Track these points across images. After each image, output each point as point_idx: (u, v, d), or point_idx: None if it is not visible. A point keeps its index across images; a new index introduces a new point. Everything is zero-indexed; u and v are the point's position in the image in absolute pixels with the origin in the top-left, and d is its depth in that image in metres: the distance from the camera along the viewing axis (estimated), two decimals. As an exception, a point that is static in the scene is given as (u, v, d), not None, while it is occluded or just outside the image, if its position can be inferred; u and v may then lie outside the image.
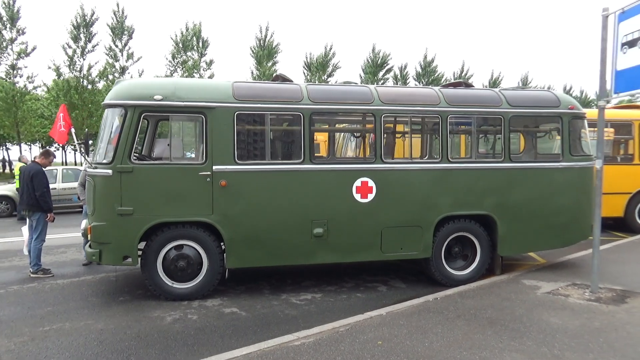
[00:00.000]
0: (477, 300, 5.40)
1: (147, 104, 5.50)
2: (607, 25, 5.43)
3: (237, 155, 5.71)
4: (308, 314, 5.39)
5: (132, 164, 5.48)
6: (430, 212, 6.28)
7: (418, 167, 6.34)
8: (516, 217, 6.54)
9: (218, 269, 5.82)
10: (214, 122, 5.63)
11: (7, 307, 5.48)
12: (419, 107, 6.32)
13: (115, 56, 29.18)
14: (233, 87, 5.80)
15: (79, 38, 25.52)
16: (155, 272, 5.67)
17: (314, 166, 5.92)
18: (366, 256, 6.25)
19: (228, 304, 5.71)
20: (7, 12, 25.04)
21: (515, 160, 6.70)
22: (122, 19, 29.24)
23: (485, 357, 3.86)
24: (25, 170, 6.77)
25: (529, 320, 4.70)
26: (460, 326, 4.55)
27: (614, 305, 5.13)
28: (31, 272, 6.81)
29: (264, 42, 31.37)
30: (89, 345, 4.41)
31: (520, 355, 3.88)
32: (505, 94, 6.64)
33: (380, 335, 4.33)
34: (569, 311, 4.96)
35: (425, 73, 41.20)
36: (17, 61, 25.47)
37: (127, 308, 5.48)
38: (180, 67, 29.33)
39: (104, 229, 5.49)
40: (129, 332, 4.75)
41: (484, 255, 6.57)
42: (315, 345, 4.12)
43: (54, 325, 4.92)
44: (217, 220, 5.68)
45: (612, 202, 9.85)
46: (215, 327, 4.93)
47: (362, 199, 6.06)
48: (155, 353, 4.27)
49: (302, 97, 5.90)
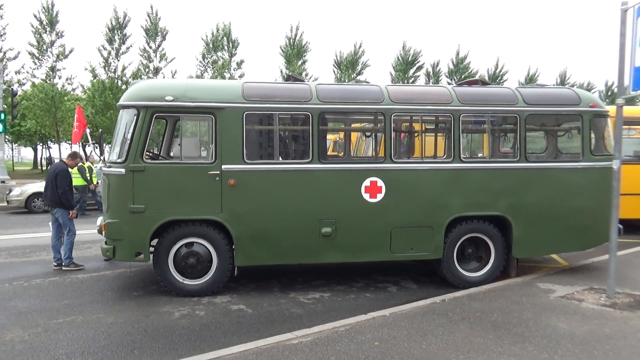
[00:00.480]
0: (485, 303, 5.29)
1: (158, 105, 5.66)
2: (625, 19, 5.20)
3: (246, 155, 5.79)
4: (314, 313, 5.41)
5: (144, 163, 5.65)
6: (442, 213, 6.19)
7: (429, 167, 6.25)
8: (532, 218, 6.36)
9: (227, 267, 5.92)
10: (224, 122, 5.73)
11: (28, 299, 5.75)
12: (430, 106, 6.23)
13: (149, 57, 29.93)
14: (243, 88, 5.88)
15: (114, 40, 26.38)
16: (167, 268, 5.83)
17: (322, 166, 5.93)
18: (375, 256, 6.22)
19: (236, 301, 5.80)
20: (46, 17, 26.14)
21: (532, 160, 6.51)
22: (156, 20, 29.95)
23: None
24: (51, 168, 7.09)
25: (535, 324, 4.57)
26: (462, 329, 4.48)
27: (630, 311, 4.93)
28: (63, 266, 7.11)
29: (294, 41, 31.57)
30: (97, 338, 4.58)
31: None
32: (522, 92, 6.46)
33: (378, 336, 4.31)
34: (580, 316, 4.79)
35: (458, 70, 40.37)
36: (56, 63, 26.57)
37: (138, 303, 5.66)
38: (210, 67, 29.84)
39: (117, 225, 5.68)
40: (137, 327, 4.90)
41: (498, 257, 6.42)
42: (312, 344, 4.14)
43: (67, 318, 5.13)
44: (226, 218, 5.78)
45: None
46: (220, 324, 5.03)
47: (371, 199, 6.03)
48: (158, 347, 4.40)
49: (311, 97, 5.92)
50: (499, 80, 42.13)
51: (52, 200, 6.98)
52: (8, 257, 8.00)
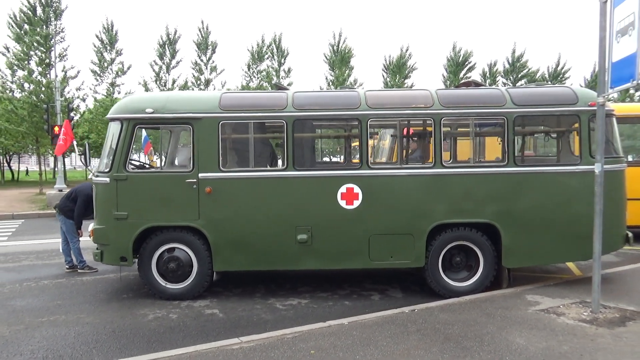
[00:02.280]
0: (454, 315, 5.07)
1: (139, 117, 5.97)
2: (605, 11, 4.81)
3: (222, 163, 5.96)
4: (282, 319, 5.44)
5: (127, 172, 5.97)
6: (423, 220, 6.00)
7: (408, 173, 6.09)
8: (524, 226, 6.01)
9: (207, 272, 6.10)
10: (201, 131, 5.93)
11: (28, 299, 6.26)
12: (408, 111, 6.08)
13: (200, 70, 31.32)
14: (220, 98, 6.07)
15: (165, 55, 27.88)
16: (150, 272, 6.10)
17: (296, 173, 5.97)
18: (354, 264, 6.15)
19: (213, 305, 5.96)
20: (107, 36, 28.12)
21: (522, 164, 6.15)
22: (207, 34, 31.32)
23: (411, 374, 3.66)
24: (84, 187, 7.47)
25: (491, 339, 4.32)
26: (410, 340, 4.33)
27: (606, 327, 4.52)
28: (79, 269, 7.65)
29: (337, 48, 31.74)
30: (67, 337, 4.90)
31: (450, 376, 3.61)
32: (511, 93, 6.14)
33: (320, 345, 4.27)
34: (547, 332, 4.46)
35: (514, 69, 38.63)
36: (115, 79, 28.48)
37: (122, 305, 5.97)
38: (255, 76, 30.69)
39: (103, 231, 6.04)
40: (108, 327, 5.18)
41: (488, 267, 6.11)
42: (250, 350, 4.19)
43: (52, 317, 5.53)
44: (203, 225, 5.97)
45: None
46: (186, 327, 5.20)
47: (348, 206, 5.98)
48: (116, 347, 4.63)
49: (286, 105, 5.99)
50: (561, 78, 39.81)
51: (62, 208, 7.52)
52: (34, 259, 8.71)
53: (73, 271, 7.67)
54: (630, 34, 4.33)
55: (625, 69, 4.42)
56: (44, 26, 23.61)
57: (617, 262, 8.02)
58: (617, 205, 6.22)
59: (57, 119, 19.87)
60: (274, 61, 33.60)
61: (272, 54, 33.37)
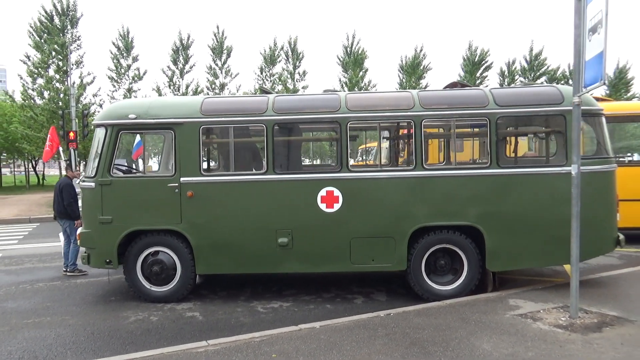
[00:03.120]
0: (429, 319, 5.00)
1: (122, 123, 6.09)
2: (580, 9, 4.69)
3: (203, 167, 6.03)
4: (259, 322, 5.47)
5: (111, 177, 6.10)
6: (404, 223, 5.95)
7: (388, 176, 6.05)
8: (508, 229, 5.90)
9: (190, 274, 6.18)
10: (182, 136, 6.02)
11: (20, 301, 6.45)
12: (388, 113, 6.05)
13: (215, 74, 31.76)
14: (202, 103, 6.14)
15: (178, 61, 28.35)
16: (135, 275, 6.21)
17: (276, 176, 5.99)
18: (335, 267, 6.14)
19: (196, 308, 6.03)
20: (123, 43, 28.79)
21: (505, 166, 6.04)
22: (222, 39, 31.75)
23: (366, 379, 3.64)
24: (57, 183, 7.83)
25: (457, 344, 4.25)
26: (375, 345, 4.30)
27: (580, 333, 4.40)
28: (68, 272, 7.85)
29: (351, 49, 31.72)
30: (47, 338, 5.03)
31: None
32: (495, 93, 6.04)
33: (284, 348, 4.28)
34: (517, 337, 4.37)
35: (532, 67, 37.91)
36: (132, 85, 29.11)
37: (107, 307, 6.10)
38: (267, 79, 30.92)
39: (89, 235, 6.18)
40: (88, 329, 5.30)
41: (472, 270, 6.02)
42: (215, 353, 4.23)
43: (38, 318, 5.69)
44: (185, 228, 6.04)
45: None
46: (163, 329, 5.27)
47: (328, 209, 5.97)
48: (90, 349, 4.74)
49: (267, 109, 6.02)
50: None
51: (59, 212, 7.74)
52: (36, 262, 8.97)
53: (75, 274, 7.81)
54: (599, 32, 4.22)
55: (595, 67, 4.31)
56: (60, 34, 24.27)
57: (618, 265, 7.80)
58: (607, 207, 6.06)
59: (72, 125, 20.40)
60: (289, 64, 33.87)
61: (287, 57, 33.64)
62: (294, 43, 33.79)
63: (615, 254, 8.77)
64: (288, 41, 33.46)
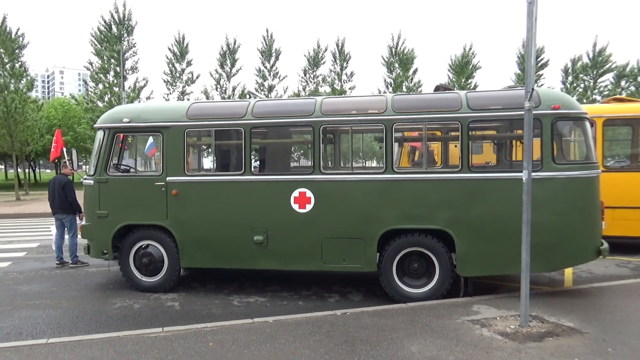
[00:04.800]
0: (380, 320, 5.09)
1: (117, 126, 6.68)
2: (531, 12, 4.61)
3: (186, 168, 6.47)
4: (228, 314, 5.81)
5: (107, 175, 6.70)
6: (373, 225, 6.06)
7: (358, 178, 6.17)
8: (480, 234, 5.84)
9: (176, 267, 6.64)
10: (169, 138, 6.50)
11: (33, 284, 7.23)
12: (360, 117, 6.17)
13: (264, 76, 32.68)
14: (188, 108, 6.59)
15: (225, 64, 29.48)
16: (128, 266, 6.78)
17: (253, 177, 6.31)
18: (307, 265, 6.35)
19: (178, 298, 6.48)
20: (178, 49, 30.38)
21: (476, 171, 5.97)
22: (271, 42, 32.62)
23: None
24: (56, 180, 8.45)
25: (388, 344, 4.34)
26: (309, 341, 4.48)
27: (518, 342, 4.33)
28: (71, 264, 8.50)
29: (396, 49, 31.43)
30: (38, 318, 5.67)
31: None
32: (469, 97, 5.99)
33: (224, 338, 4.58)
34: (451, 342, 4.38)
35: (596, 64, 35.63)
36: (185, 88, 30.65)
37: (101, 294, 6.69)
38: (311, 81, 31.36)
39: (89, 228, 6.82)
40: (76, 312, 5.90)
41: (443, 274, 6.01)
42: (163, 339, 4.60)
43: (38, 300, 6.38)
44: (170, 224, 6.52)
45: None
46: (140, 315, 5.76)
47: (300, 209, 6.21)
48: (68, 329, 5.29)
49: (246, 113, 6.36)
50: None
51: (61, 207, 8.36)
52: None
53: (62, 266, 8.45)
54: (535, 36, 4.15)
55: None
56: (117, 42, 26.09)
57: (625, 276, 7.40)
58: (587, 215, 5.83)
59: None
60: (337, 65, 34.16)
61: (334, 59, 33.95)
62: (342, 44, 34.07)
63: (628, 264, 8.31)
64: (335, 42, 33.85)
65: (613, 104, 9.63)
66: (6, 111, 22.72)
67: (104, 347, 4.41)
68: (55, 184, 8.34)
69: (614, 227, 8.69)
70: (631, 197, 8.76)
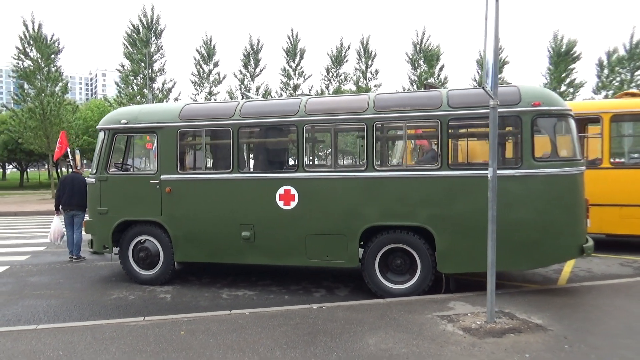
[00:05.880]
0: (352, 314, 5.22)
1: (116, 127, 7.06)
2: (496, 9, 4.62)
3: (179, 166, 6.78)
4: (214, 307, 6.05)
5: (107, 174, 7.09)
6: (355, 222, 6.18)
7: (341, 176, 6.31)
8: (459, 231, 5.88)
9: (171, 261, 6.97)
10: (163, 138, 6.83)
11: (43, 276, 7.74)
12: (342, 116, 6.30)
13: (289, 75, 33.07)
14: (181, 109, 6.90)
15: (249, 64, 30.00)
16: (127, 260, 7.16)
17: (240, 175, 6.55)
18: (293, 261, 6.54)
19: (172, 291, 6.80)
20: (206, 50, 31.16)
21: (456, 168, 5.99)
22: (296, 42, 32.97)
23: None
24: (75, 178, 8.83)
25: (348, 337, 4.47)
26: (274, 332, 4.66)
27: (477, 337, 4.37)
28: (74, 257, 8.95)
29: (420, 46, 31.12)
30: (38, 307, 6.10)
31: None
32: (450, 95, 6.03)
33: (196, 328, 4.81)
34: (410, 335, 4.47)
35: (632, 57, 34.15)
36: (212, 89, 31.40)
37: (102, 286, 7.10)
38: (334, 80, 31.48)
39: (91, 223, 7.25)
40: (75, 302, 6.30)
41: (425, 270, 6.07)
42: (141, 327, 4.88)
43: (44, 291, 6.84)
44: (165, 220, 6.85)
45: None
46: (131, 306, 6.10)
47: (285, 206, 6.40)
48: (62, 317, 5.67)
49: (234, 114, 6.61)
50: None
51: (78, 205, 8.82)
52: (83, 246, 10.35)
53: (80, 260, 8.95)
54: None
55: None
56: (146, 45, 27.01)
57: (626, 275, 7.23)
58: (569, 212, 5.76)
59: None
60: (361, 63, 34.19)
61: (359, 57, 34.00)
62: (366, 42, 34.07)
63: (633, 263, 8.09)
64: (360, 40, 33.88)
65: (624, 99, 9.36)
66: (42, 114, 23.93)
67: (84, 333, 4.74)
68: (74, 182, 8.74)
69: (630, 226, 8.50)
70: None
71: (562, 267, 7.88)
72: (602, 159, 8.75)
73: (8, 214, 18.62)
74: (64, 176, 8.93)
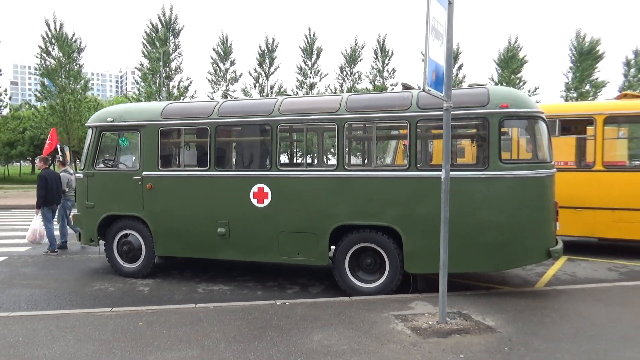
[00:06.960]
0: (311, 311, 5.30)
1: (102, 125, 7.33)
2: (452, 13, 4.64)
3: (160, 163, 7.00)
4: (186, 300, 6.24)
5: (94, 170, 7.37)
6: (325, 220, 6.27)
7: (312, 175, 6.39)
8: (426, 231, 5.90)
9: (152, 255, 7.20)
10: (145, 136, 7.06)
11: (37, 267, 8.09)
12: (315, 116, 6.39)
13: (305, 74, 33.27)
14: (164, 108, 7.11)
15: (264, 63, 30.28)
16: (112, 253, 7.43)
17: (216, 173, 6.72)
18: (266, 257, 6.67)
19: (152, 284, 7.03)
20: (222, 49, 31.61)
21: (423, 169, 6.01)
22: (313, 41, 33.13)
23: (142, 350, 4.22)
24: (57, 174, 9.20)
25: (297, 333, 4.57)
26: (228, 325, 4.79)
27: (422, 337, 4.41)
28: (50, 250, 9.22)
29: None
30: (22, 295, 6.40)
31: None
32: (420, 96, 6.05)
33: (156, 319, 4.99)
34: (357, 333, 4.53)
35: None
36: (228, 87, 31.85)
37: (88, 278, 7.38)
38: (347, 79, 31.48)
39: (79, 217, 7.54)
40: (57, 292, 6.59)
41: (393, 269, 6.12)
42: (107, 317, 5.08)
43: (32, 281, 7.16)
44: (146, 215, 7.08)
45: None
46: (108, 297, 6.34)
47: (259, 204, 6.54)
48: (41, 305, 5.95)
49: (212, 113, 6.78)
50: None
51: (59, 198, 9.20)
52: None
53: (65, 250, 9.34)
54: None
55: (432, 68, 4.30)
56: (164, 45, 27.59)
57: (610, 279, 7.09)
58: (536, 215, 5.72)
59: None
60: (378, 62, 34.11)
61: (376, 56, 33.92)
62: (383, 41, 33.97)
63: (622, 268, 7.94)
64: (377, 39, 33.80)
65: (620, 101, 9.15)
66: (62, 111, 24.76)
67: (50, 321, 4.97)
68: (56, 178, 9.12)
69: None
70: None
71: (546, 269, 7.79)
72: (595, 161, 8.58)
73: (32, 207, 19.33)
74: (47, 172, 9.05)
